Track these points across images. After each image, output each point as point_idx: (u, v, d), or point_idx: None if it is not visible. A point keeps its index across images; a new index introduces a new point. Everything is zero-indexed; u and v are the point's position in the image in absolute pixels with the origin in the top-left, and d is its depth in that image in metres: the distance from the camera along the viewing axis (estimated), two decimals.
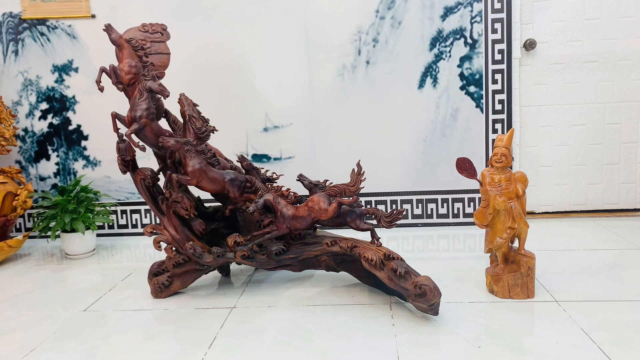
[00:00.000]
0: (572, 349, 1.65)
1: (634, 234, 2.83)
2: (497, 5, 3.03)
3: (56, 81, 3.28)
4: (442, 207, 3.22)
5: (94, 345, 1.85)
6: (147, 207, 3.33)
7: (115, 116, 2.14)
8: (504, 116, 3.11)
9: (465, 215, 3.21)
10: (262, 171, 2.35)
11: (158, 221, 2.41)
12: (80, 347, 1.84)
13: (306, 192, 2.16)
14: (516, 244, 2.08)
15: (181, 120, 2.24)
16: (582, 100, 3.19)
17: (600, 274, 2.27)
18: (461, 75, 3.11)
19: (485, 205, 2.02)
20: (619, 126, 3.19)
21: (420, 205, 3.23)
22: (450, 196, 3.20)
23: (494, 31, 3.06)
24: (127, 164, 2.20)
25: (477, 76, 3.10)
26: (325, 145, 3.22)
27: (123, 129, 2.16)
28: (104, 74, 2.16)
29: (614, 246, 2.65)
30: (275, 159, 3.26)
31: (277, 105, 3.21)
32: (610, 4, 3.08)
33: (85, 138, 3.33)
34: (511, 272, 2.04)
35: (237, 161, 2.33)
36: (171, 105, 2.32)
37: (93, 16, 3.19)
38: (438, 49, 3.09)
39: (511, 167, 2.05)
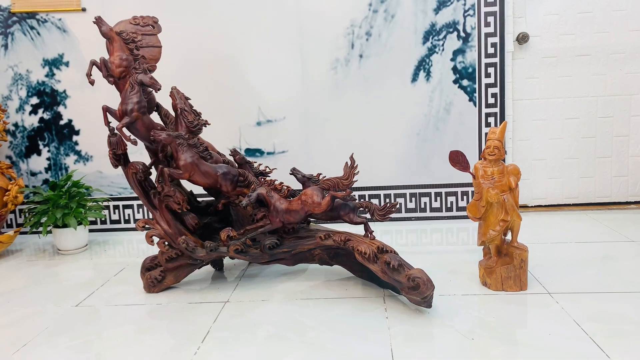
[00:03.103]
0: (564, 340, 1.66)
1: (626, 226, 2.85)
2: None
3: (47, 75, 3.25)
4: (436, 200, 3.22)
5: (87, 340, 1.84)
6: (140, 202, 3.31)
7: (106, 110, 2.12)
8: (497, 110, 3.11)
9: (459, 208, 3.21)
10: (255, 165, 2.34)
11: (150, 216, 2.40)
12: (73, 342, 1.83)
13: (299, 186, 2.15)
14: (509, 236, 2.09)
15: (173, 113, 2.22)
16: (575, 94, 3.20)
17: (592, 266, 2.28)
18: (454, 69, 3.10)
19: (478, 198, 2.02)
20: (611, 119, 3.20)
21: (413, 199, 3.23)
22: (443, 190, 3.21)
23: (487, 25, 3.05)
24: (119, 157, 2.19)
25: (470, 70, 3.09)
26: (318, 139, 3.21)
27: (114, 123, 2.14)
28: (94, 67, 2.14)
29: (606, 239, 2.66)
30: (268, 153, 3.25)
31: (270, 99, 3.20)
32: None
33: (77, 133, 3.30)
34: (504, 264, 2.04)
35: (230, 155, 2.32)
36: (163, 98, 2.30)
37: (84, 9, 3.16)
38: (431, 43, 3.09)
39: (504, 160, 2.05)
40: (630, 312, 1.82)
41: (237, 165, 2.29)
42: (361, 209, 2.05)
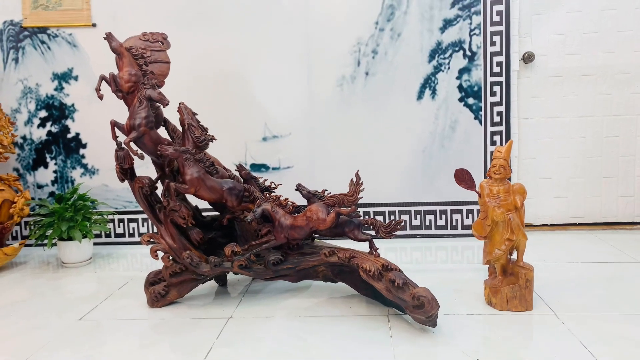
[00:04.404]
0: None
1: (632, 247, 2.83)
2: (496, 18, 3.05)
3: (56, 89, 3.28)
4: (441, 218, 3.21)
5: (89, 355, 1.83)
6: (145, 216, 3.32)
7: (114, 124, 2.14)
8: (502, 128, 3.11)
9: (464, 227, 3.20)
10: (261, 180, 2.35)
11: (155, 230, 2.40)
12: (75, 356, 1.82)
13: (305, 202, 2.16)
14: (515, 255, 2.08)
15: (180, 129, 2.23)
16: (581, 113, 3.20)
17: (598, 286, 2.26)
18: (460, 87, 3.12)
19: (483, 216, 2.01)
20: (617, 139, 3.20)
21: (418, 216, 3.22)
22: (448, 207, 3.20)
23: (493, 44, 3.07)
24: (126, 172, 2.20)
25: (475, 88, 3.11)
26: (324, 156, 3.22)
27: (122, 137, 2.16)
28: (103, 82, 2.16)
29: (612, 259, 2.64)
30: (273, 168, 3.26)
31: (277, 115, 3.22)
32: (608, 18, 3.10)
33: (84, 146, 3.32)
34: (509, 284, 2.03)
35: (236, 170, 2.33)
36: (170, 114, 2.32)
37: (94, 25, 3.21)
38: (437, 61, 3.11)
39: (510, 179, 2.04)
40: (638, 334, 1.80)
41: (242, 180, 2.29)
42: (366, 225, 2.04)
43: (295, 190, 2.18)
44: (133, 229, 3.37)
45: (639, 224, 3.27)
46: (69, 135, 3.32)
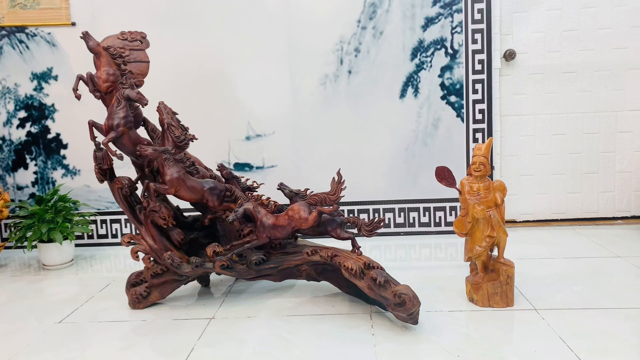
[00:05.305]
0: (550, 357, 1.65)
1: (612, 242, 2.86)
2: (477, 16, 3.06)
3: (35, 89, 3.23)
4: (424, 215, 3.22)
5: (69, 358, 1.81)
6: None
7: (92, 124, 2.12)
8: (484, 126, 3.13)
9: (447, 224, 3.21)
10: (243, 180, 2.34)
11: (137, 231, 2.38)
12: (55, 359, 1.80)
13: (287, 201, 2.15)
14: (495, 252, 2.09)
15: (160, 128, 2.22)
16: (562, 110, 3.23)
17: (579, 282, 2.29)
18: (442, 85, 3.13)
19: (464, 213, 2.02)
20: (598, 136, 3.23)
21: (402, 214, 3.23)
22: (432, 205, 3.21)
23: (474, 41, 3.09)
24: (105, 172, 2.18)
25: (457, 86, 3.12)
26: (307, 154, 3.22)
27: (100, 137, 2.13)
28: (81, 81, 2.13)
29: (593, 254, 2.67)
30: (257, 167, 3.25)
31: (260, 114, 3.20)
32: (587, 16, 3.14)
33: (65, 147, 3.28)
34: (491, 280, 2.04)
35: (217, 170, 2.31)
36: (151, 113, 2.30)
37: (73, 24, 3.16)
38: (419, 59, 3.12)
39: (490, 176, 2.05)
40: (616, 328, 1.83)
41: (224, 180, 2.28)
42: (348, 224, 2.04)
43: (278, 189, 2.17)
44: (116, 229, 3.34)
45: (619, 219, 3.31)
46: (49, 136, 3.27)
